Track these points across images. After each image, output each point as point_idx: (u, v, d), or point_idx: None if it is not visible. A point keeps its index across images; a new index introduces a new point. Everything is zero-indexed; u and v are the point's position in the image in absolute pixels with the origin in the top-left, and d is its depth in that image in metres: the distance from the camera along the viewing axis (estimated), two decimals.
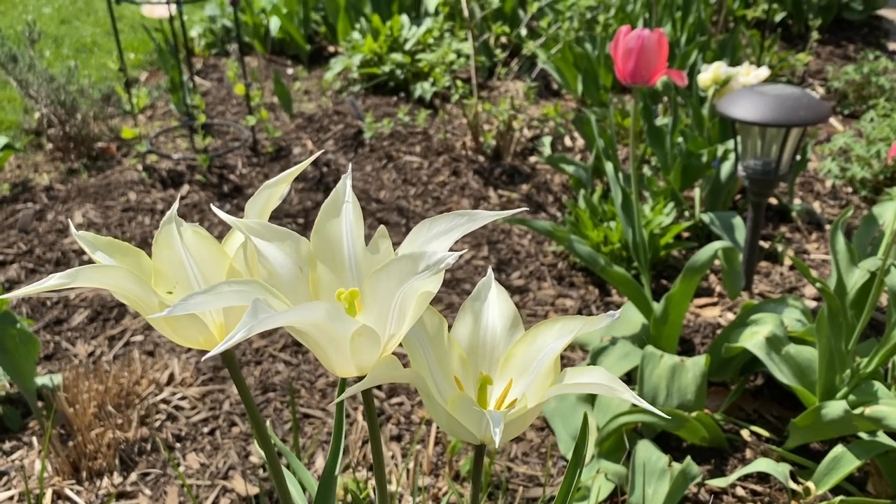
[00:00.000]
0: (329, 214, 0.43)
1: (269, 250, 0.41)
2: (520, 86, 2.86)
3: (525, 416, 0.41)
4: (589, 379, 0.40)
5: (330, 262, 0.42)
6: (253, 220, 0.42)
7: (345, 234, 0.43)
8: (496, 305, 0.46)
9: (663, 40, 1.34)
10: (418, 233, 0.41)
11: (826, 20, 3.53)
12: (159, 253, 0.43)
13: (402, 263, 0.36)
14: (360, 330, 0.37)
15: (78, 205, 2.16)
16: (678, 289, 1.37)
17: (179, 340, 0.44)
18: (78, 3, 4.53)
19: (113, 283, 0.40)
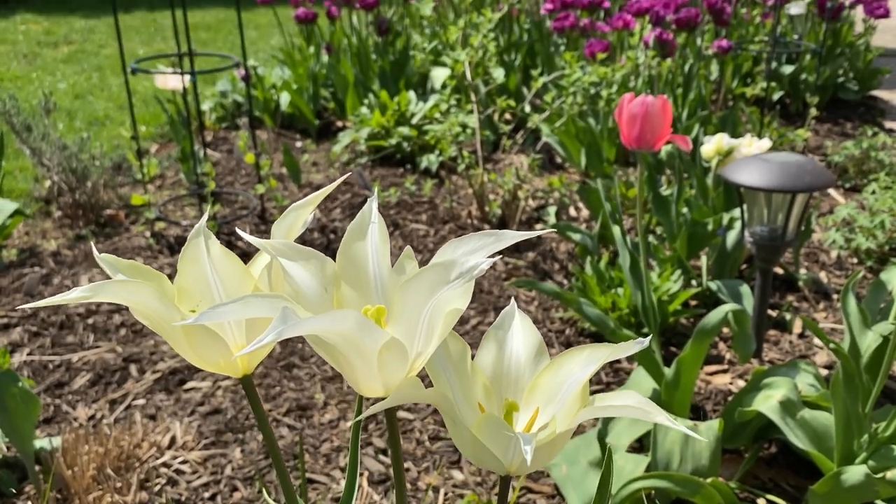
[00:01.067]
0: (355, 236, 0.43)
1: (294, 270, 0.41)
2: (524, 159, 2.91)
3: (554, 442, 0.40)
4: (621, 402, 0.39)
5: (355, 283, 0.42)
6: (279, 241, 0.42)
7: (370, 255, 0.43)
8: (520, 334, 0.46)
9: (667, 106, 1.37)
10: (444, 252, 0.41)
11: (823, 99, 3.61)
12: (184, 268, 0.43)
13: (434, 271, 0.35)
14: (388, 343, 0.36)
15: (85, 269, 2.16)
16: (689, 352, 1.36)
17: (199, 362, 0.43)
18: (92, 80, 4.65)
19: (136, 298, 0.40)
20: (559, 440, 0.40)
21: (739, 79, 3.51)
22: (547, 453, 0.40)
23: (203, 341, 0.41)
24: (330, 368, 1.74)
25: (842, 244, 2.15)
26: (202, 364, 0.43)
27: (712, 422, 1.27)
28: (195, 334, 0.40)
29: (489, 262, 0.34)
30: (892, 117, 3.67)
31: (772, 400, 1.27)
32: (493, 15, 2.61)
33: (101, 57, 5.27)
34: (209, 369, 0.44)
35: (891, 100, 3.97)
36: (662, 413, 0.38)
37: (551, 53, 3.28)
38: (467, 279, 0.35)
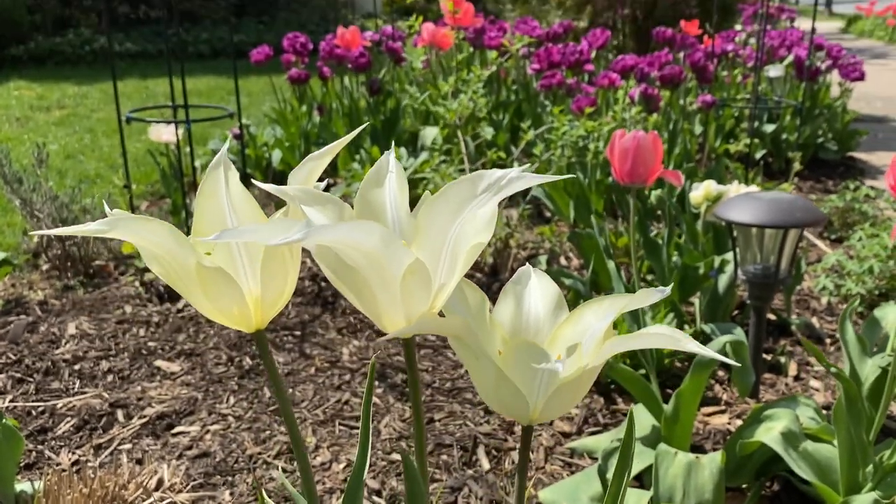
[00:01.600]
0: (371, 184, 0.43)
1: (313, 215, 0.40)
2: (513, 212, 2.93)
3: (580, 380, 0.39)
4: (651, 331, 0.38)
5: None
6: (296, 187, 0.41)
7: (388, 202, 0.42)
8: (538, 288, 0.45)
9: (658, 142, 1.39)
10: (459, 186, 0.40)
11: (804, 158, 3.69)
12: (201, 206, 0.42)
13: (461, 184, 0.35)
14: (412, 266, 0.35)
15: (72, 317, 2.13)
16: (688, 385, 1.34)
17: (211, 311, 0.42)
18: (84, 141, 4.69)
19: (151, 237, 0.39)
20: (585, 379, 0.39)
21: (722, 137, 3.59)
22: (572, 395, 0.39)
23: (218, 286, 0.40)
24: (321, 412, 1.71)
25: (832, 290, 2.16)
26: (216, 313, 0.42)
27: (715, 454, 1.25)
28: (210, 278, 0.40)
29: (518, 170, 0.34)
30: (871, 176, 3.75)
31: (773, 431, 1.25)
32: (482, 72, 2.67)
33: (92, 120, 5.32)
34: (222, 321, 0.43)
35: (869, 160, 4.06)
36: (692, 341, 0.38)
37: (539, 113, 3.35)
38: (495, 191, 0.34)
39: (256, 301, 0.43)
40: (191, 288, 0.41)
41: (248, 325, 0.43)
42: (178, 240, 0.39)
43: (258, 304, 0.43)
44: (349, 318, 2.14)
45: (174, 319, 2.12)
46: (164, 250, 0.40)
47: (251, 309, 0.42)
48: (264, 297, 0.43)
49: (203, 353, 1.96)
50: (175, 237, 0.39)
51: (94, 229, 0.39)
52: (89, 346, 1.98)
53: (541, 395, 0.38)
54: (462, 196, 0.35)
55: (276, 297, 0.43)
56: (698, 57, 2.76)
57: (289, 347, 2.00)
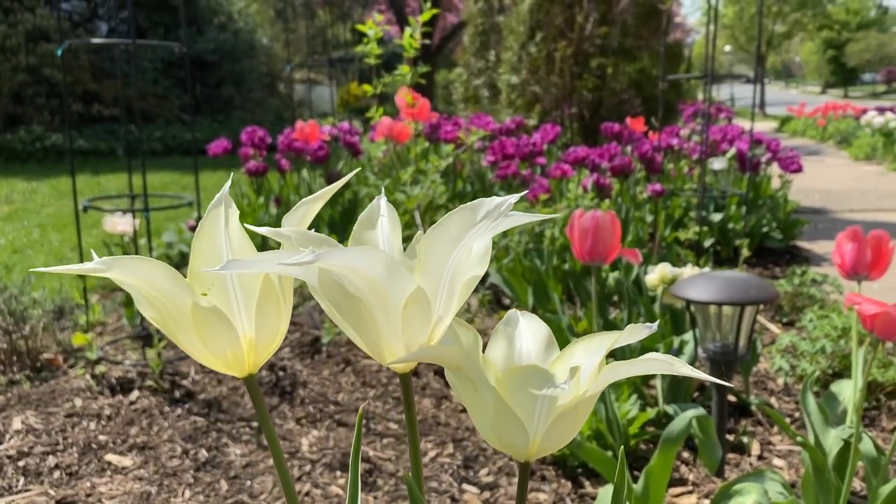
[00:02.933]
0: (365, 226, 0.44)
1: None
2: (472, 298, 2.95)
3: (578, 408, 0.39)
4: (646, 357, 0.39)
5: None
6: (292, 229, 0.42)
7: (381, 242, 0.43)
8: (528, 328, 0.46)
9: (616, 221, 1.44)
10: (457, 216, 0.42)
11: (751, 245, 3.82)
12: (199, 246, 0.42)
13: (461, 213, 0.36)
14: (414, 295, 0.36)
15: (17, 412, 2.04)
16: (657, 462, 1.34)
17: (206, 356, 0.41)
18: (33, 235, 4.61)
19: (149, 276, 0.39)
20: (583, 408, 0.40)
21: (672, 225, 3.71)
22: (570, 424, 0.39)
23: (213, 328, 0.40)
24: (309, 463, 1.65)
25: (787, 370, 2.20)
26: (209, 358, 0.41)
27: None
28: (206, 319, 0.39)
29: (515, 198, 0.35)
30: (815, 263, 3.88)
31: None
32: (440, 161, 2.74)
33: (42, 215, 5.25)
34: (215, 366, 0.42)
35: (812, 248, 4.22)
36: (686, 365, 0.38)
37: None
38: (495, 217, 0.35)
39: (250, 343, 0.42)
40: (185, 330, 0.40)
41: (240, 369, 0.43)
42: (175, 279, 0.39)
43: (252, 346, 0.42)
44: (308, 408, 2.09)
45: (126, 412, 2.05)
46: (160, 291, 0.39)
47: (245, 351, 0.42)
48: (258, 340, 0.42)
49: (157, 446, 1.89)
50: (171, 276, 0.39)
51: (92, 268, 0.39)
52: (35, 441, 1.89)
53: (540, 424, 0.38)
54: (463, 223, 0.36)
55: (269, 340, 0.43)
56: (646, 149, 2.88)
57: (245, 439, 1.94)
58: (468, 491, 1.71)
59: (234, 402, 2.12)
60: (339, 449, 1.89)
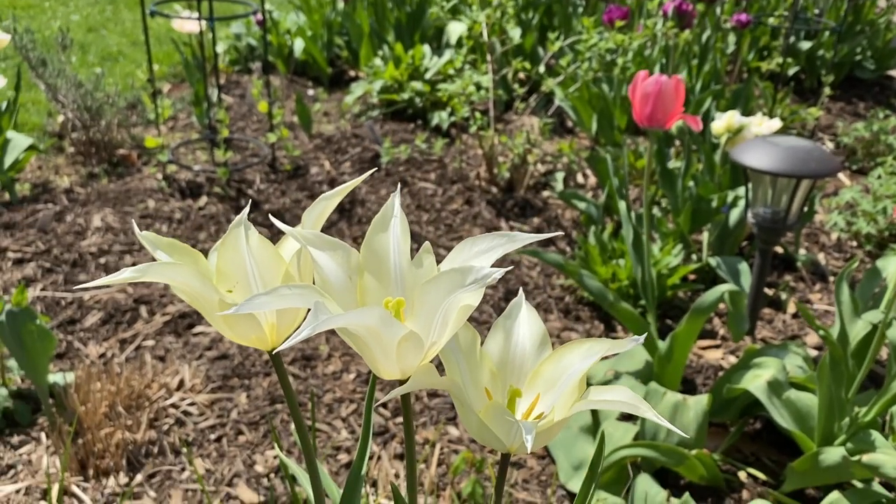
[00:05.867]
0: (378, 229, 0.47)
1: (322, 259, 0.45)
2: (535, 121, 2.92)
3: (551, 428, 0.44)
4: (614, 397, 0.43)
5: (377, 273, 0.46)
6: (308, 231, 0.45)
7: (392, 248, 0.46)
8: (526, 324, 0.50)
9: (680, 86, 1.38)
10: (461, 250, 0.45)
11: (838, 77, 3.59)
12: (224, 253, 0.46)
13: (452, 276, 0.39)
14: (407, 335, 0.40)
15: (97, 208, 2.20)
16: (683, 329, 1.40)
17: (232, 336, 0.47)
18: (105, 13, 4.62)
19: (179, 279, 0.44)
20: (557, 426, 0.45)
21: (756, 52, 3.49)
22: (545, 437, 0.44)
23: (240, 322, 0.45)
24: None
25: (843, 227, 2.18)
26: (234, 338, 0.47)
27: (701, 396, 1.33)
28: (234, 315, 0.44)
29: (500, 272, 0.38)
30: None
31: (760, 379, 1.32)
32: None
33: None
34: (240, 342, 0.48)
35: None
36: (652, 410, 0.42)
37: (569, 14, 3.26)
38: (480, 285, 0.38)
39: (272, 327, 0.47)
40: (213, 316, 0.46)
41: (264, 346, 0.48)
42: (203, 281, 0.44)
43: (273, 329, 0.48)
44: (364, 227, 2.19)
45: (195, 217, 2.19)
46: (191, 288, 0.44)
47: (267, 334, 0.47)
48: (280, 324, 0.47)
49: None
50: (200, 279, 0.44)
51: (129, 277, 0.43)
52: (114, 240, 2.06)
53: (515, 440, 0.43)
54: (452, 285, 0.39)
55: (290, 323, 0.48)
56: None
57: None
58: None
59: (296, 215, 2.23)
60: None
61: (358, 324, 0.39)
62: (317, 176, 2.46)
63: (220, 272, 0.46)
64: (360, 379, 1.59)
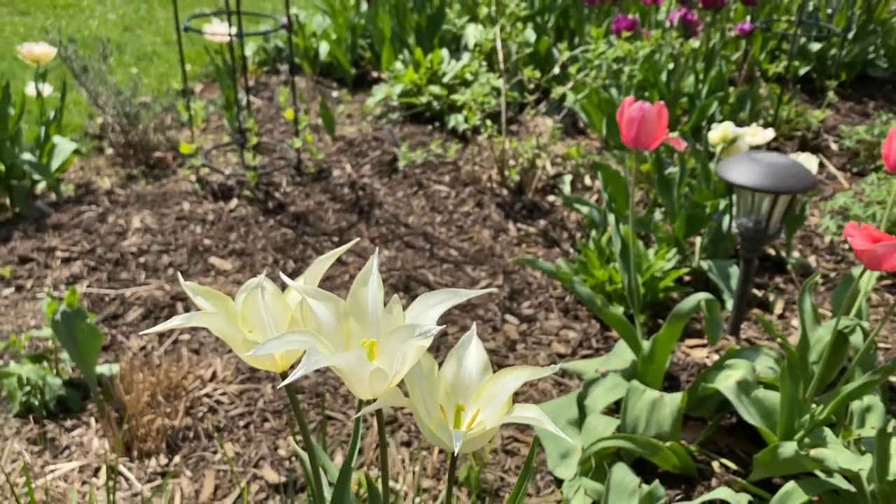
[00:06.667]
0: (360, 283, 0.62)
1: (318, 308, 0.60)
2: (549, 122, 3.05)
3: (483, 435, 0.59)
4: (528, 414, 0.59)
5: (359, 318, 0.61)
6: (309, 287, 0.61)
7: (370, 299, 0.62)
8: (474, 354, 0.65)
9: (663, 112, 1.52)
10: (420, 302, 0.60)
11: (850, 76, 3.67)
12: (247, 305, 0.62)
13: (405, 330, 0.55)
14: (375, 370, 0.56)
15: (136, 210, 2.39)
16: (664, 332, 1.55)
17: (252, 363, 0.63)
18: (140, 12, 4.81)
19: (215, 325, 0.60)
20: (487, 434, 0.60)
21: (768, 53, 3.58)
22: (479, 442, 0.60)
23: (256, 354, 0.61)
24: None
25: (834, 231, 2.29)
26: (253, 363, 0.63)
27: (676, 395, 1.47)
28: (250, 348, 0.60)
29: (438, 329, 0.53)
30: None
31: (730, 380, 1.46)
32: None
33: None
34: (257, 366, 0.64)
35: None
36: (552, 424, 0.58)
37: (583, 18, 3.38)
38: (425, 337, 0.54)
39: (281, 356, 0.63)
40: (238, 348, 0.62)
41: (276, 369, 0.64)
42: (231, 326, 0.60)
43: (283, 357, 0.63)
44: (381, 229, 2.35)
45: (227, 218, 2.36)
46: (222, 330, 0.60)
47: (278, 361, 0.63)
48: (286, 354, 0.63)
49: (252, 254, 2.21)
50: (229, 325, 0.60)
51: (178, 324, 0.60)
52: (152, 240, 2.25)
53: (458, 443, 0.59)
54: (405, 337, 0.54)
55: (294, 353, 0.63)
56: None
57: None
58: (509, 321, 1.98)
59: (319, 217, 2.40)
60: (405, 271, 2.16)
61: (339, 363, 0.55)
62: (339, 179, 2.63)
63: (244, 317, 0.62)
64: None
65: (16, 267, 2.14)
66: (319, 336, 0.57)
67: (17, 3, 4.89)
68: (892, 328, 1.99)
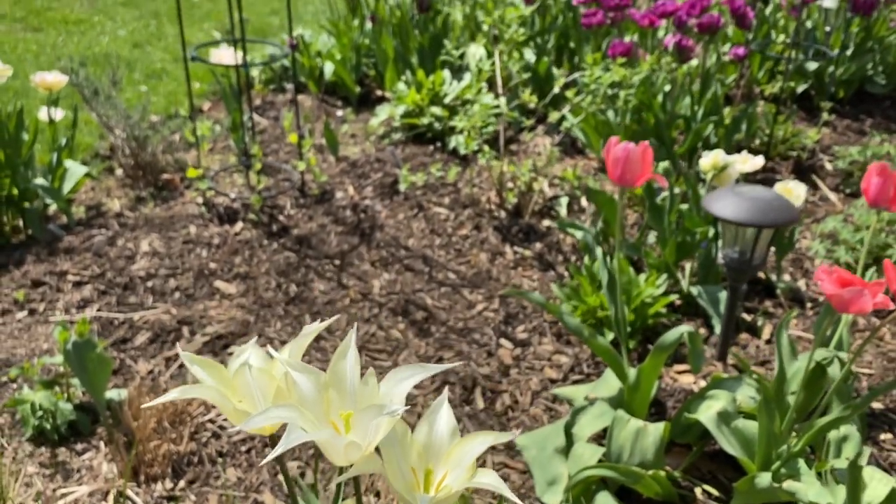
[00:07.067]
0: (339, 357, 0.69)
1: (300, 379, 0.67)
2: (548, 141, 3.11)
3: (449, 497, 0.66)
4: (488, 480, 0.65)
5: (338, 389, 0.68)
6: (292, 360, 0.68)
7: (348, 372, 0.68)
8: (445, 418, 0.71)
9: (647, 152, 1.58)
10: (392, 376, 0.67)
11: (847, 93, 3.72)
12: (236, 378, 0.69)
13: (373, 409, 0.61)
14: (349, 443, 0.62)
15: (145, 233, 2.47)
16: (648, 363, 1.61)
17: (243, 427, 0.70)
18: (150, 28, 4.90)
19: (208, 396, 0.67)
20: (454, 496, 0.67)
21: (766, 70, 3.63)
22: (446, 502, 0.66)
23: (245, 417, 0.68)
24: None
25: (823, 255, 2.34)
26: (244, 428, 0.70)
27: (659, 424, 1.53)
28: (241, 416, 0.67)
29: (402, 410, 0.60)
30: None
31: (711, 410, 1.52)
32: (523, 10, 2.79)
33: (157, 1, 5.50)
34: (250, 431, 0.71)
35: None
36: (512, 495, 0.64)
37: (582, 38, 3.44)
38: (392, 415, 0.60)
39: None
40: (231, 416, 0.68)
41: (264, 433, 0.71)
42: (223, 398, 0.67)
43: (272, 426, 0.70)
44: (382, 252, 2.42)
45: (232, 242, 2.44)
46: (216, 401, 0.67)
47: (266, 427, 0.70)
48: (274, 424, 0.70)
49: (256, 277, 2.28)
50: (221, 396, 0.66)
51: (176, 396, 0.66)
52: (160, 264, 2.32)
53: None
54: (374, 415, 0.61)
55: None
56: (738, 4, 2.81)
57: (329, 276, 2.31)
58: (503, 346, 2.04)
59: (322, 240, 2.48)
60: (404, 294, 2.23)
61: (317, 438, 0.62)
62: (341, 200, 2.70)
63: (234, 388, 0.69)
64: None
65: (29, 290, 2.22)
66: (301, 408, 0.64)
67: (31, 19, 5.00)
68: (878, 353, 2.05)
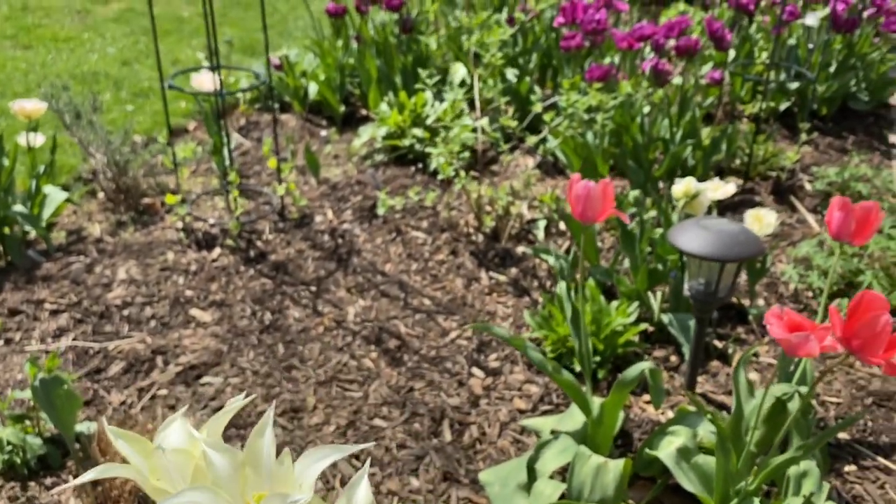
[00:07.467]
0: (257, 435, 0.70)
1: (217, 458, 0.68)
2: (529, 161, 3.13)
3: None
4: None
5: (254, 467, 0.69)
6: (209, 439, 0.69)
7: (265, 450, 0.70)
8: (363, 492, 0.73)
9: (608, 189, 1.59)
10: (307, 456, 0.68)
11: (830, 110, 3.73)
12: (154, 459, 0.70)
13: (279, 497, 0.63)
14: None
15: (123, 260, 2.48)
16: (611, 399, 1.62)
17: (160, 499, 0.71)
18: (139, 45, 4.92)
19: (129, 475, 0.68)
20: None
21: (748, 89, 3.65)
22: None
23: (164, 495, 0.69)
24: (323, 372, 2.04)
25: (797, 280, 2.36)
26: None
27: (619, 461, 1.54)
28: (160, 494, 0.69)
29: (308, 498, 0.61)
30: None
31: (671, 447, 1.53)
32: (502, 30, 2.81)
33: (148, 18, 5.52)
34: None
35: None
36: None
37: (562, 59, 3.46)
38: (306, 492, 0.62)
39: None
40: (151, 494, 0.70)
41: None
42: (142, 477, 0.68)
43: None
44: (358, 278, 2.44)
45: (209, 268, 2.45)
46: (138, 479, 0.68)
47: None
48: None
49: (232, 305, 2.30)
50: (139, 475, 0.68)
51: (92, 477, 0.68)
52: (136, 292, 2.34)
53: None
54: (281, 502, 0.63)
55: None
56: (716, 27, 2.83)
57: (304, 303, 2.32)
58: (475, 375, 2.05)
59: (299, 266, 2.49)
60: (378, 322, 2.24)
61: None
62: (320, 225, 2.71)
63: (152, 468, 0.71)
64: (339, 431, 1.84)
65: (6, 319, 2.23)
66: (217, 489, 0.66)
67: (21, 36, 5.02)
68: (847, 381, 2.06)
